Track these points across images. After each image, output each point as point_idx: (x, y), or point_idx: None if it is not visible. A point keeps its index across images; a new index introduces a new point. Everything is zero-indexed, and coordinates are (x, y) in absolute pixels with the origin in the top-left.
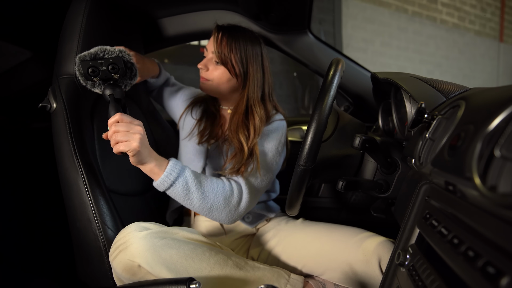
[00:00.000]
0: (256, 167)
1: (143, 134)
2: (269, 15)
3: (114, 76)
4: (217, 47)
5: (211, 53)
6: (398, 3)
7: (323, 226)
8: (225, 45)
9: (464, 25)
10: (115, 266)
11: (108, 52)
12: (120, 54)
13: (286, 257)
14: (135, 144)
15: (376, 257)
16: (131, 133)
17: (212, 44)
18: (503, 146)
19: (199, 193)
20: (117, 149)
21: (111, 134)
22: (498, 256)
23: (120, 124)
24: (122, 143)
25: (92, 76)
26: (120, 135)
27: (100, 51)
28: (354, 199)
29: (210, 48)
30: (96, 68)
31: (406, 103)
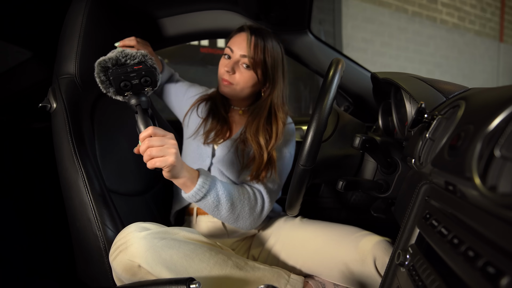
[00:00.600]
0: (273, 172)
1: (177, 148)
2: (269, 15)
3: (147, 89)
4: (251, 52)
5: (239, 56)
6: (398, 3)
7: (320, 225)
8: (260, 50)
9: (464, 25)
10: (115, 266)
11: (130, 57)
12: (143, 58)
13: (285, 256)
14: (171, 160)
15: (371, 256)
16: (166, 148)
17: (243, 46)
18: (503, 146)
19: (228, 205)
20: (152, 164)
21: (144, 149)
22: (498, 256)
23: (153, 139)
24: (158, 159)
25: (124, 90)
26: (155, 150)
27: (121, 56)
28: (354, 199)
29: (239, 51)
30: (129, 82)
31: (406, 103)
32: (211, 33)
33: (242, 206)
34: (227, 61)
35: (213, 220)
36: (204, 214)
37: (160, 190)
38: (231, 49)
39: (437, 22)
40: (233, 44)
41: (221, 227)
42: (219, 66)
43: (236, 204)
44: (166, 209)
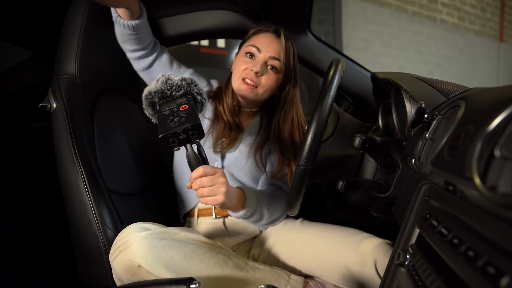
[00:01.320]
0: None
1: (227, 185)
2: (269, 15)
3: (195, 141)
4: (284, 56)
5: (268, 57)
6: (398, 3)
7: (321, 227)
8: (292, 55)
9: (464, 25)
10: (115, 266)
11: (175, 88)
12: (188, 88)
13: (285, 257)
14: (221, 199)
15: (372, 259)
16: (216, 188)
17: (273, 48)
18: (503, 146)
19: (268, 215)
20: (204, 202)
21: (196, 188)
22: (498, 256)
23: (204, 180)
24: (209, 198)
25: (173, 146)
26: (206, 191)
27: (166, 88)
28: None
29: (268, 52)
30: (176, 138)
31: (406, 103)
32: (211, 33)
33: (277, 212)
34: (252, 61)
35: (214, 221)
36: (205, 215)
37: (160, 190)
38: (258, 49)
39: (437, 22)
40: (260, 44)
41: (222, 228)
42: (237, 64)
43: (273, 213)
44: (166, 209)
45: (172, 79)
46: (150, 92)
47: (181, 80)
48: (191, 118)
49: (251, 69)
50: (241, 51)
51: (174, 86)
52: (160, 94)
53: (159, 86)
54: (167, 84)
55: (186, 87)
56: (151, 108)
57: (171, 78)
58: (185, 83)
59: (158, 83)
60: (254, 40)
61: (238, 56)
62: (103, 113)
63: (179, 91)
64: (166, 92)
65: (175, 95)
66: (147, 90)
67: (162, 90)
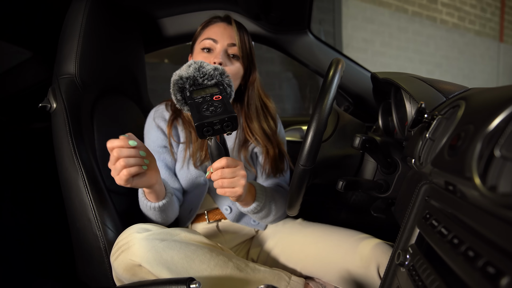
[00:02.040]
0: (287, 160)
1: (246, 178)
2: (269, 15)
3: (228, 133)
4: (240, 40)
5: (226, 46)
6: (398, 3)
7: (320, 229)
8: (246, 38)
9: (464, 25)
10: (116, 266)
11: (208, 77)
12: (221, 78)
13: (285, 259)
14: (240, 191)
15: (374, 262)
16: (236, 180)
17: (228, 35)
18: (503, 146)
19: (275, 211)
20: (223, 193)
21: (217, 178)
22: (498, 256)
23: (226, 171)
24: (228, 190)
25: (206, 135)
26: (226, 182)
27: (199, 75)
28: (354, 199)
29: (224, 40)
30: (211, 128)
31: (406, 103)
32: None
33: (281, 207)
34: (211, 54)
35: (208, 226)
36: (198, 221)
37: None
38: (213, 40)
39: (437, 22)
40: (215, 35)
41: (216, 232)
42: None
43: (279, 209)
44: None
45: (205, 67)
46: (181, 77)
47: (214, 70)
48: (228, 109)
49: (214, 62)
50: (196, 49)
51: (207, 74)
52: (192, 81)
53: (191, 72)
54: (200, 72)
55: (218, 77)
56: (180, 94)
57: (204, 66)
58: (218, 73)
59: (190, 69)
60: (206, 33)
61: (194, 55)
62: (103, 113)
63: (211, 80)
64: (198, 80)
65: (207, 83)
66: (177, 74)
67: (195, 77)
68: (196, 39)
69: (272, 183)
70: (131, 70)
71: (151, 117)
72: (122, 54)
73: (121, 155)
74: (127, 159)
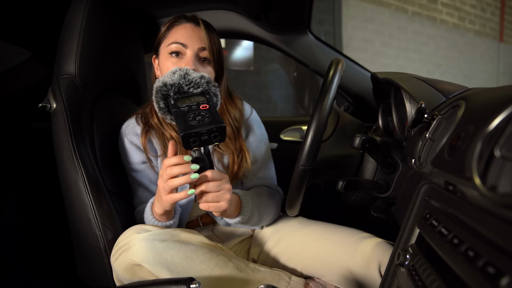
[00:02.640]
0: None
1: (231, 191)
2: (269, 15)
3: (216, 144)
4: (210, 43)
5: (197, 50)
6: (398, 3)
7: (321, 227)
8: (217, 40)
9: (464, 25)
10: (116, 266)
11: (194, 85)
12: (207, 86)
13: (286, 259)
14: (225, 206)
15: (376, 261)
16: (221, 194)
17: (198, 38)
18: (503, 146)
19: (265, 216)
20: (206, 208)
21: (198, 192)
22: (498, 256)
23: (211, 185)
24: (212, 204)
25: (192, 146)
26: (210, 197)
27: (185, 83)
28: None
29: (194, 44)
30: (198, 138)
31: (406, 103)
32: None
33: (272, 209)
34: (181, 59)
35: (201, 231)
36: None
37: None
38: (182, 44)
39: (437, 22)
40: (183, 38)
41: (212, 236)
42: (164, 68)
43: (269, 212)
44: None
45: (190, 74)
46: (165, 84)
47: (200, 78)
48: (216, 119)
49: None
50: (163, 53)
51: (193, 82)
52: (177, 88)
53: (176, 79)
54: (186, 79)
55: (204, 85)
56: (163, 102)
57: (190, 73)
58: (204, 81)
59: (175, 76)
60: (173, 36)
61: (161, 59)
62: (103, 113)
63: (197, 88)
64: (184, 87)
65: (192, 92)
66: (161, 81)
67: (180, 85)
68: (160, 42)
69: (258, 183)
70: (131, 70)
71: (123, 135)
72: (122, 54)
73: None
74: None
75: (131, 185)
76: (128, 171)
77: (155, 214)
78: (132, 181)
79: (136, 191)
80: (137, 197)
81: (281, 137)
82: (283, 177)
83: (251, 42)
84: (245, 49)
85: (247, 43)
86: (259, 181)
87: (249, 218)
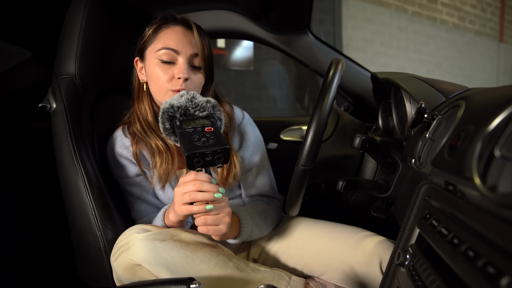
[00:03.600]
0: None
1: (231, 214)
2: (269, 15)
3: (219, 165)
4: (203, 49)
5: (189, 56)
6: (398, 3)
7: (323, 225)
8: (207, 44)
9: (464, 25)
10: (116, 266)
11: (200, 108)
12: (212, 111)
13: (287, 257)
14: (224, 230)
15: (377, 258)
16: (221, 217)
17: (190, 44)
18: (503, 146)
19: (264, 229)
20: (205, 231)
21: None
22: (498, 256)
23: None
24: (212, 228)
25: (196, 166)
26: (210, 219)
27: (191, 106)
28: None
29: (186, 50)
30: (202, 159)
31: (406, 103)
32: (211, 33)
33: (272, 222)
34: (173, 67)
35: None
36: None
37: None
38: (174, 51)
39: (437, 22)
40: (174, 44)
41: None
42: (154, 74)
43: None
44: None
45: (197, 98)
46: (172, 105)
47: (206, 102)
48: (220, 141)
49: (178, 77)
50: (150, 58)
51: (199, 106)
52: (183, 111)
53: (183, 102)
54: (193, 103)
55: (210, 109)
56: (169, 123)
57: (196, 97)
58: (210, 106)
59: (182, 99)
60: (163, 40)
61: (148, 65)
62: (103, 113)
63: (203, 112)
64: (190, 110)
65: (198, 115)
66: (168, 103)
67: (186, 107)
68: (146, 45)
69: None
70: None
71: (112, 149)
72: (121, 54)
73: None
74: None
75: (127, 198)
76: (122, 185)
77: (168, 222)
78: (127, 195)
79: (133, 204)
80: (136, 211)
81: (281, 137)
82: (283, 177)
83: (251, 42)
84: (245, 49)
85: (247, 43)
86: (257, 190)
87: (249, 236)
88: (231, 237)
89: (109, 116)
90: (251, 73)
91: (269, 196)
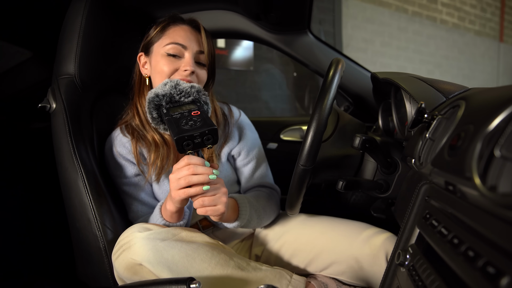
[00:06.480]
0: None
1: (227, 194)
2: (269, 15)
3: (208, 146)
4: (208, 48)
5: (196, 53)
6: (398, 3)
7: (327, 221)
8: (211, 44)
9: (464, 25)
10: (117, 265)
11: (184, 94)
12: (197, 95)
13: (291, 254)
14: (222, 209)
15: (383, 251)
16: (218, 198)
17: (196, 41)
18: (503, 146)
19: (264, 218)
20: (203, 212)
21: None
22: (498, 256)
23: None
24: (210, 208)
25: (186, 149)
26: (207, 200)
27: (175, 92)
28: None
29: (193, 47)
30: (191, 141)
31: (406, 103)
32: (211, 33)
33: (272, 211)
34: (179, 60)
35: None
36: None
37: None
38: (182, 46)
39: (437, 22)
40: (182, 40)
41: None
42: (160, 66)
43: (269, 214)
44: None
45: (181, 84)
46: (157, 94)
47: (190, 87)
48: (208, 123)
49: (185, 69)
50: (157, 52)
51: (184, 92)
52: (168, 98)
53: (168, 89)
54: (177, 89)
55: (195, 94)
56: (156, 112)
57: (180, 83)
58: (194, 91)
59: (166, 87)
60: (171, 36)
61: (155, 58)
62: (103, 113)
63: (188, 97)
64: (175, 97)
65: (183, 101)
66: (153, 92)
67: (171, 94)
68: (153, 41)
69: (255, 183)
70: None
71: (110, 149)
72: (121, 54)
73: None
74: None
75: (124, 199)
76: (120, 185)
77: (166, 214)
78: (125, 196)
79: (130, 205)
80: (133, 212)
81: (281, 137)
82: (283, 177)
83: (251, 42)
84: (245, 49)
85: (247, 43)
86: (256, 181)
87: (248, 221)
88: (230, 220)
89: (109, 116)
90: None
91: (267, 187)
